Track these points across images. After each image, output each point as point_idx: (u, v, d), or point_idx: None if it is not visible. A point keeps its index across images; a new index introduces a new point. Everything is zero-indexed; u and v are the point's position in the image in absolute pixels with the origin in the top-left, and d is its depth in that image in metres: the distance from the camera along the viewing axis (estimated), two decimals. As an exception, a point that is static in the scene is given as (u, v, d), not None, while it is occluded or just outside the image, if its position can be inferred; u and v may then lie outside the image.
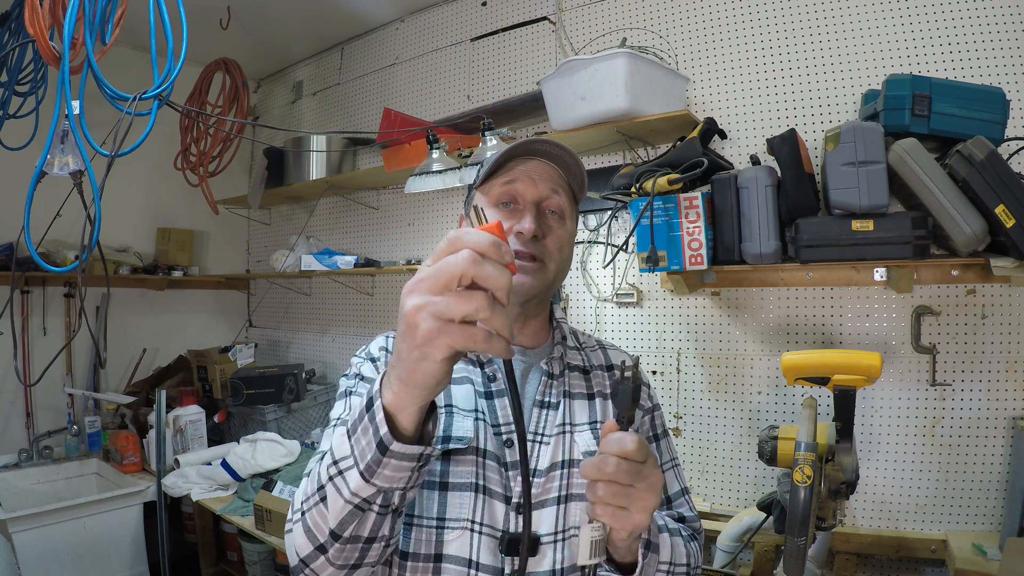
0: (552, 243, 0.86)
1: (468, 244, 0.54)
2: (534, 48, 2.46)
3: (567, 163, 0.88)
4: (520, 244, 0.84)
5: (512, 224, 0.85)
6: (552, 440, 0.85)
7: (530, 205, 0.85)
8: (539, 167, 0.87)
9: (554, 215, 0.88)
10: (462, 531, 0.78)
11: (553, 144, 0.85)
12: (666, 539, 0.82)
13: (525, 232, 0.83)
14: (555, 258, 0.87)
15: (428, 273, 0.54)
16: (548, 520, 0.81)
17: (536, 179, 0.86)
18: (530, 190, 0.86)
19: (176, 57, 1.55)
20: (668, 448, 0.99)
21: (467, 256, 0.53)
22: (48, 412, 2.86)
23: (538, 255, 0.85)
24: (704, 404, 2.06)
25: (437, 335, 0.53)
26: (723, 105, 2.04)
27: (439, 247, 0.55)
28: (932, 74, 1.69)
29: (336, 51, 3.25)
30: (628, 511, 0.65)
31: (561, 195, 0.88)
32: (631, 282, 2.21)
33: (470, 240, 0.54)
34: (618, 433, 0.66)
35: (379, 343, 0.93)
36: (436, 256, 0.55)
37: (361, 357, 0.92)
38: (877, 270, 1.73)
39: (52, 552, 2.23)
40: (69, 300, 2.95)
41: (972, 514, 1.69)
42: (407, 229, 2.89)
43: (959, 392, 1.71)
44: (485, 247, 0.54)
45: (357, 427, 0.62)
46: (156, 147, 3.02)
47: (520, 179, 0.86)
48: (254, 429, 2.78)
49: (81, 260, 1.59)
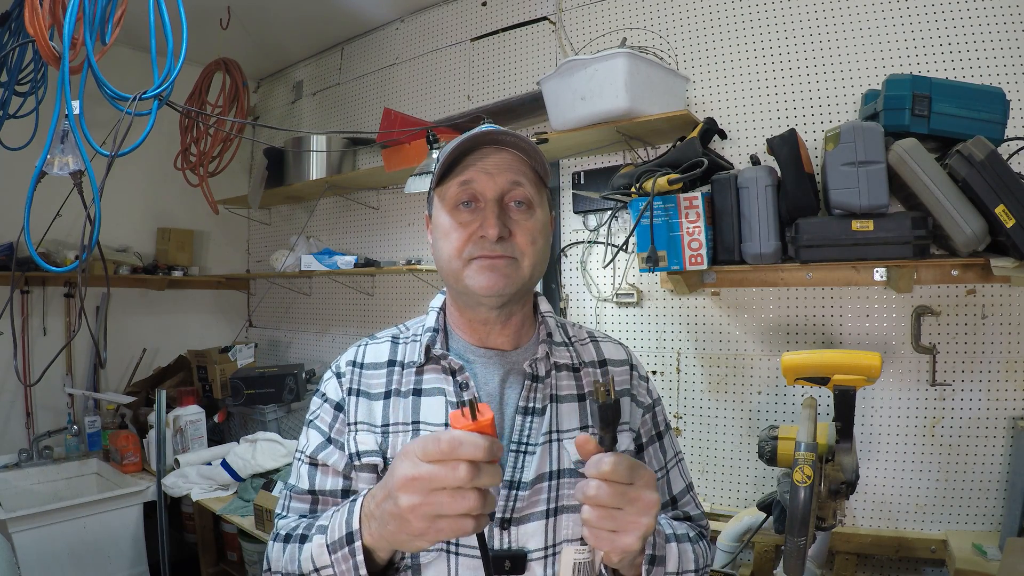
0: (522, 238, 0.80)
1: (467, 456, 0.58)
2: (534, 48, 2.46)
3: (524, 148, 0.81)
4: (485, 248, 0.78)
5: (474, 228, 0.79)
6: (538, 450, 0.79)
7: (491, 204, 0.79)
8: (496, 159, 0.80)
9: (520, 206, 0.81)
10: (438, 553, 0.76)
11: (506, 132, 0.79)
12: (673, 548, 0.79)
13: (489, 237, 0.78)
14: (528, 252, 0.80)
15: (423, 475, 0.59)
16: (536, 535, 0.77)
17: (494, 173, 0.80)
18: (489, 187, 0.79)
19: (176, 57, 1.55)
20: (671, 444, 0.95)
21: (467, 471, 0.58)
22: (48, 412, 2.87)
23: (508, 254, 0.79)
24: (704, 404, 2.06)
25: (428, 531, 0.60)
26: (723, 105, 2.04)
27: (434, 447, 0.59)
28: (932, 74, 1.68)
29: (336, 51, 3.25)
30: (615, 534, 0.64)
31: (525, 184, 0.81)
32: (631, 282, 2.21)
33: (469, 452, 0.58)
34: (596, 455, 0.64)
35: (349, 356, 0.89)
36: (429, 453, 0.59)
37: (332, 371, 0.89)
38: (877, 270, 1.73)
39: (52, 552, 2.23)
40: (69, 300, 2.95)
41: (972, 514, 1.69)
42: (407, 229, 2.89)
43: (959, 392, 1.71)
44: (483, 456, 0.58)
45: (338, 550, 0.69)
46: (156, 147, 3.02)
47: (476, 177, 0.79)
48: (254, 429, 2.78)
49: (81, 260, 1.59)
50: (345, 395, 0.85)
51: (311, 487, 0.84)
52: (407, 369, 0.85)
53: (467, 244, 0.80)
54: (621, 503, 0.63)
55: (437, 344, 0.85)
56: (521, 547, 0.77)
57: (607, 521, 0.63)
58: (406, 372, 0.85)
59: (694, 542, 0.85)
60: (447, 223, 0.81)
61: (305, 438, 0.87)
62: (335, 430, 0.85)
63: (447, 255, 0.81)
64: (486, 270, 0.79)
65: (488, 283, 0.78)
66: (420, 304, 2.81)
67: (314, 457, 0.85)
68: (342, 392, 0.86)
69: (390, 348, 0.89)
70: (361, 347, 0.90)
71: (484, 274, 0.79)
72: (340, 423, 0.85)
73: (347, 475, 0.83)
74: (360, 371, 0.87)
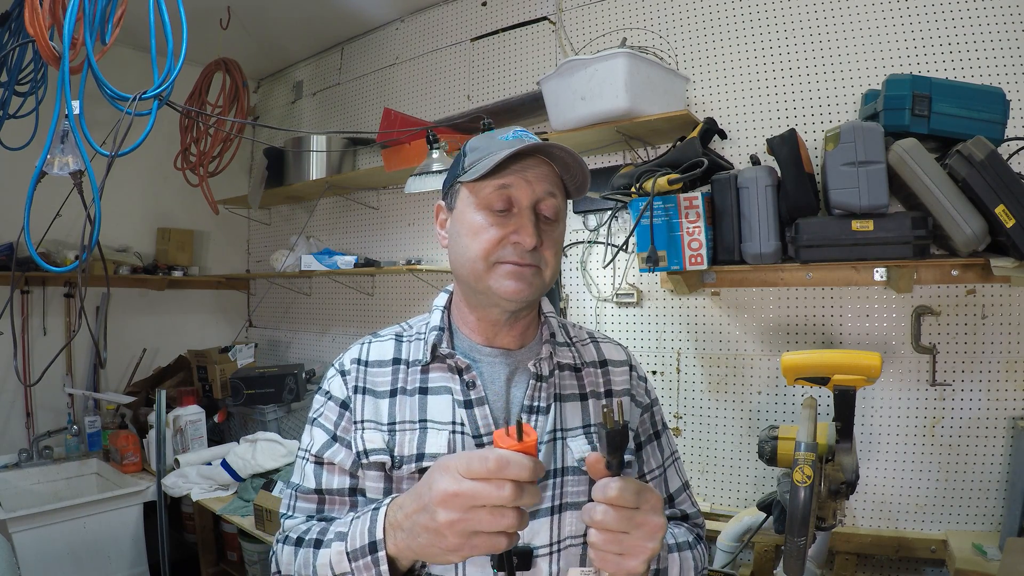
0: (549, 250, 0.82)
1: (514, 476, 0.59)
2: (534, 48, 2.46)
3: (567, 163, 0.82)
4: (517, 255, 0.79)
5: (506, 232, 0.79)
6: (543, 448, 0.81)
7: (527, 212, 0.79)
8: (536, 167, 0.81)
9: (547, 220, 0.82)
10: None
11: (560, 148, 0.79)
12: (675, 559, 0.81)
13: (526, 245, 0.78)
14: (551, 263, 0.82)
15: (466, 492, 0.59)
16: (542, 532, 0.79)
17: (532, 181, 0.80)
18: (526, 195, 0.80)
19: (176, 57, 1.55)
20: (668, 443, 0.97)
21: (512, 491, 0.59)
22: (48, 412, 2.87)
23: (535, 263, 0.80)
24: (704, 404, 2.06)
25: (463, 547, 0.61)
26: (723, 105, 2.04)
27: (480, 464, 0.60)
28: (932, 74, 1.68)
29: (336, 51, 3.25)
30: (622, 557, 0.64)
31: (557, 196, 0.83)
32: (631, 282, 2.21)
33: (515, 472, 0.59)
34: (603, 479, 0.65)
35: (352, 354, 0.89)
36: (474, 471, 0.60)
37: (335, 368, 0.89)
38: (877, 270, 1.73)
39: (52, 552, 2.23)
40: (69, 300, 2.95)
41: (972, 514, 1.69)
42: (407, 229, 2.89)
43: (959, 392, 1.71)
44: (529, 477, 0.59)
45: (359, 558, 0.69)
46: (156, 147, 3.02)
47: (515, 183, 0.79)
48: (254, 429, 2.78)
49: (81, 260, 1.59)
50: (351, 393, 0.85)
51: (317, 486, 0.84)
52: (412, 367, 0.86)
53: (498, 248, 0.80)
54: (628, 527, 0.64)
55: (443, 343, 0.85)
56: (527, 543, 0.78)
57: (614, 545, 0.64)
58: (411, 370, 0.86)
59: (692, 547, 0.87)
60: (478, 222, 0.81)
61: (309, 437, 0.87)
62: (341, 428, 0.85)
63: (473, 254, 0.80)
64: (513, 277, 0.79)
65: (515, 289, 0.79)
66: (420, 304, 2.81)
67: (320, 456, 0.84)
68: (347, 390, 0.86)
69: (394, 346, 0.89)
70: (365, 345, 0.90)
71: (511, 280, 0.79)
72: (346, 421, 0.84)
73: (354, 473, 0.83)
74: (365, 369, 0.87)
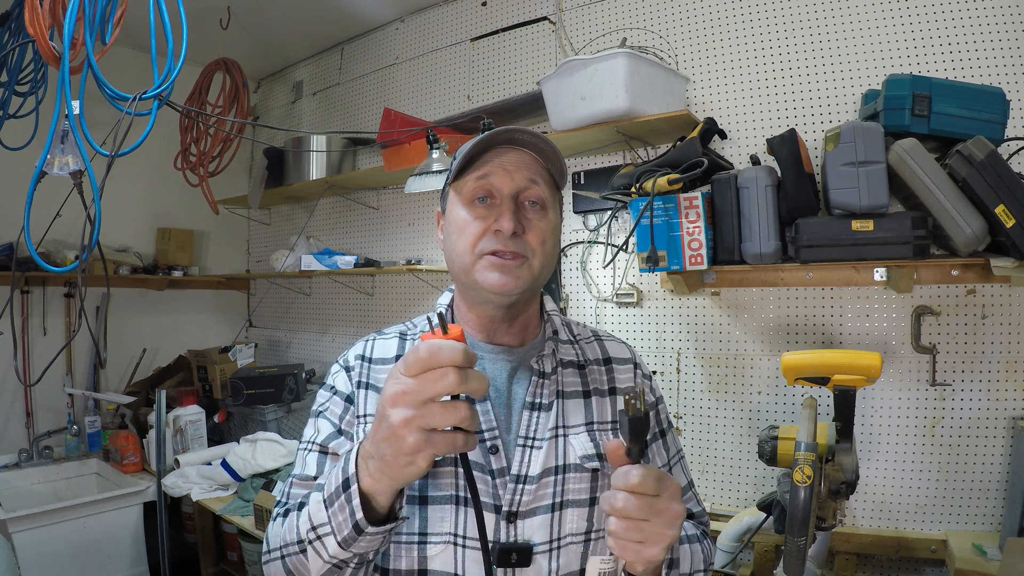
0: (534, 237, 0.81)
1: (449, 361, 0.57)
2: (534, 48, 2.46)
3: (543, 150, 0.83)
4: (499, 243, 0.79)
5: (489, 223, 0.80)
6: (545, 444, 0.81)
7: (507, 200, 0.80)
8: (514, 157, 0.82)
9: (535, 206, 0.82)
10: (445, 545, 0.76)
11: (526, 132, 0.80)
12: (686, 550, 0.82)
13: (504, 231, 0.78)
14: (538, 252, 0.81)
15: (412, 387, 0.58)
16: (542, 529, 0.79)
17: (511, 170, 0.81)
18: (506, 183, 0.81)
19: (176, 57, 1.55)
20: (673, 442, 0.97)
21: (456, 376, 0.57)
22: (48, 412, 2.87)
23: (519, 252, 0.80)
24: (704, 404, 2.06)
25: (424, 446, 0.59)
26: (723, 105, 2.04)
27: (415, 358, 0.58)
28: (932, 74, 1.68)
29: (336, 51, 3.25)
30: (642, 545, 0.64)
31: (541, 184, 0.83)
32: (631, 282, 2.21)
33: (449, 356, 0.57)
34: (624, 467, 0.64)
35: (357, 351, 0.90)
36: (411, 367, 0.59)
37: (340, 364, 0.89)
38: (877, 270, 1.73)
39: (52, 552, 2.23)
40: (69, 300, 2.95)
41: (972, 514, 1.69)
42: (407, 229, 2.89)
43: (959, 392, 1.71)
44: (463, 360, 0.58)
45: (334, 501, 0.66)
46: (156, 147, 3.01)
47: (494, 172, 0.81)
48: (254, 429, 2.78)
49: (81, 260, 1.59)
50: (355, 388, 0.86)
51: (318, 473, 0.83)
52: None
53: (481, 238, 0.80)
54: (648, 515, 0.63)
55: None
56: (527, 540, 0.78)
57: (634, 533, 0.64)
58: None
59: (700, 541, 0.87)
60: (463, 217, 0.82)
61: (314, 428, 0.86)
62: (345, 422, 0.85)
63: (460, 249, 0.82)
64: (496, 268, 0.79)
65: (499, 282, 0.79)
66: (420, 304, 2.81)
67: (325, 445, 0.84)
68: (351, 385, 0.86)
69: (398, 344, 0.90)
70: (369, 342, 0.91)
71: (495, 272, 0.79)
72: (350, 415, 0.85)
73: None
74: (369, 365, 0.87)
